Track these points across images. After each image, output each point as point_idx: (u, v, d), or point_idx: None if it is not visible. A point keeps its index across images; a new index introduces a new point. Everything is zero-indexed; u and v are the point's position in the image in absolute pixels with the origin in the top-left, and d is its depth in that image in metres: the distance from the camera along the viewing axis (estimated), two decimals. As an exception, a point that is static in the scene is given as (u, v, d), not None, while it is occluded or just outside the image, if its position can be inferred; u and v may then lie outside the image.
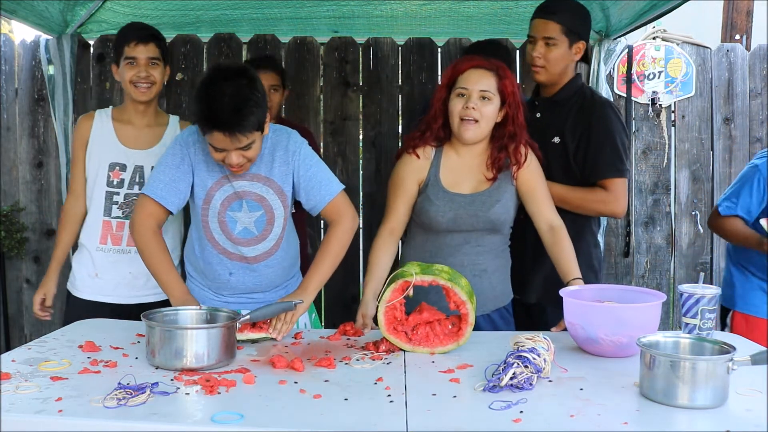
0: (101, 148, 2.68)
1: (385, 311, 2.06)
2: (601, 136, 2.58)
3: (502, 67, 2.36)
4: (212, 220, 2.31)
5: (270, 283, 2.42)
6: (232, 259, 2.35)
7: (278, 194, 2.31)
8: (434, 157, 2.42)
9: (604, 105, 2.66)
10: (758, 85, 4.07)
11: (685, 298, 2.02)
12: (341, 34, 3.98)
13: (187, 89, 3.89)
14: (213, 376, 1.77)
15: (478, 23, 3.80)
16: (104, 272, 2.68)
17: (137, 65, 2.60)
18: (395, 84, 3.95)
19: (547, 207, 2.41)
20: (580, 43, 2.65)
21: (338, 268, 2.33)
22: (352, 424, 1.48)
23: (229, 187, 2.28)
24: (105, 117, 2.72)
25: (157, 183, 2.26)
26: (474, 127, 2.32)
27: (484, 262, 2.42)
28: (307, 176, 2.30)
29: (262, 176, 2.29)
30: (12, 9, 3.00)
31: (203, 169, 2.27)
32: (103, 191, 2.67)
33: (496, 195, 2.38)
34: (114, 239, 2.67)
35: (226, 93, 2.03)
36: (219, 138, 2.07)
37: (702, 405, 1.56)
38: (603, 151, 2.58)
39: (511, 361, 1.74)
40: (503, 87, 2.32)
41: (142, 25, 2.72)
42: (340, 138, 3.96)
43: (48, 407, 1.55)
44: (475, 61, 2.37)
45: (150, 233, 2.26)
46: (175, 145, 2.30)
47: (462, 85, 2.33)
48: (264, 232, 2.33)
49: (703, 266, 4.07)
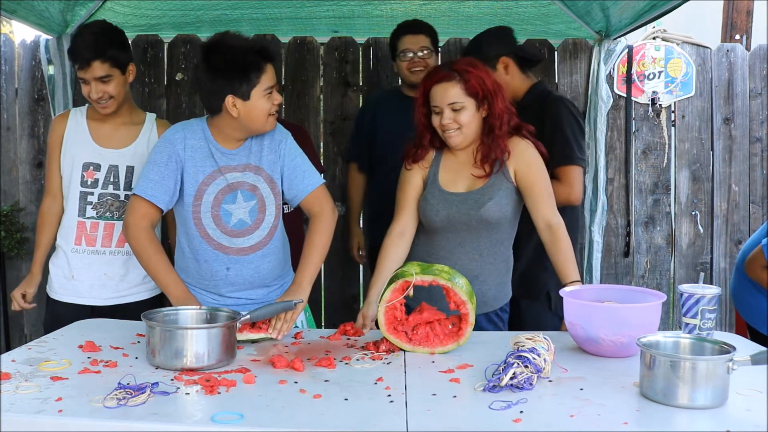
0: (75, 147, 2.63)
1: (385, 311, 2.06)
2: (551, 128, 2.75)
3: (464, 68, 2.35)
4: (205, 215, 2.31)
5: (267, 275, 2.41)
6: (228, 253, 2.35)
7: (268, 182, 2.34)
8: (435, 158, 2.46)
9: (555, 101, 2.85)
10: (758, 85, 4.07)
11: (685, 298, 2.02)
12: (341, 34, 3.98)
13: (187, 89, 3.89)
14: (213, 376, 1.77)
15: (478, 23, 3.80)
16: (79, 273, 2.63)
17: (88, 85, 2.54)
18: (395, 84, 3.94)
19: (545, 205, 2.38)
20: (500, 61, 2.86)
21: (338, 268, 2.34)
22: (352, 424, 1.48)
23: (222, 180, 2.29)
24: (80, 116, 2.68)
25: (146, 182, 2.27)
26: (457, 134, 2.35)
27: (477, 267, 2.41)
28: (292, 166, 2.35)
29: (253, 166, 2.32)
30: (12, 9, 3.00)
31: (192, 165, 2.28)
32: (78, 191, 2.62)
33: (489, 193, 2.37)
34: (88, 240, 2.62)
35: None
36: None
37: (702, 405, 1.56)
38: (553, 141, 2.69)
39: (511, 361, 1.74)
40: (470, 88, 2.32)
41: (84, 43, 2.52)
42: (340, 138, 3.96)
43: (48, 407, 1.55)
44: (436, 75, 2.38)
45: (144, 234, 2.27)
46: (161, 143, 2.31)
47: (433, 103, 2.37)
48: (257, 221, 2.35)
49: (703, 266, 4.08)
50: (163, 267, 2.27)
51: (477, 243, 2.41)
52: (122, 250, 2.61)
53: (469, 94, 2.32)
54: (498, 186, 2.38)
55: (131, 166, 2.62)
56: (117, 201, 2.62)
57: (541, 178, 2.40)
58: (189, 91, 3.89)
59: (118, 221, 2.61)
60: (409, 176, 2.46)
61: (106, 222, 2.62)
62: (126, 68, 2.59)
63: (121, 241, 2.59)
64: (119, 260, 2.63)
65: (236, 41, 2.23)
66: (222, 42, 2.23)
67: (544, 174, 2.41)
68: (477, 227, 2.38)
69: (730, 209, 4.09)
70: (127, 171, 2.62)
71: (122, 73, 2.57)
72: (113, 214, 2.62)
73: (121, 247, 2.61)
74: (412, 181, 2.46)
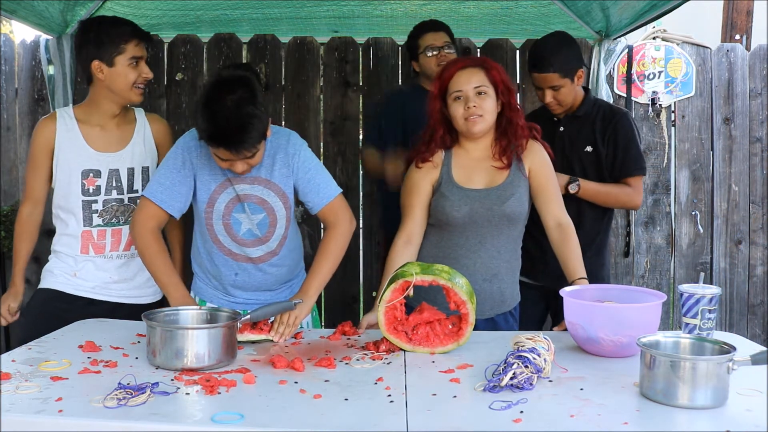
0: (70, 154, 2.50)
1: (385, 311, 2.06)
2: (626, 140, 2.90)
3: (486, 59, 2.44)
4: (216, 222, 2.33)
5: (276, 281, 2.45)
6: (237, 260, 2.38)
7: (280, 196, 2.32)
8: (445, 158, 2.44)
9: (625, 115, 2.98)
10: (758, 85, 4.07)
11: (685, 298, 2.02)
12: (341, 34, 3.98)
13: (187, 89, 3.90)
14: (213, 376, 1.77)
15: (478, 23, 3.80)
16: (84, 274, 2.55)
17: (139, 66, 2.47)
18: (395, 84, 3.94)
19: (556, 204, 2.43)
20: (580, 71, 2.89)
21: (338, 268, 2.35)
22: (352, 424, 1.48)
23: (232, 190, 2.30)
24: (69, 119, 2.54)
25: (157, 186, 2.27)
26: (480, 120, 2.35)
27: (497, 266, 2.42)
28: (306, 179, 2.32)
29: (263, 179, 2.30)
30: (12, 9, 3.00)
31: (206, 173, 2.29)
32: (80, 201, 2.51)
33: (510, 189, 2.38)
34: (96, 248, 2.54)
35: (230, 110, 2.04)
36: (225, 153, 2.12)
37: (702, 405, 1.56)
38: (629, 152, 2.90)
39: (512, 361, 1.74)
40: (493, 78, 2.36)
41: (128, 21, 2.53)
42: (340, 138, 3.96)
43: (48, 407, 1.55)
44: (460, 62, 2.41)
45: (149, 235, 2.27)
46: (176, 148, 2.31)
47: (455, 88, 2.35)
48: (267, 234, 2.36)
49: (703, 266, 4.08)
50: (164, 269, 2.27)
51: (497, 240, 2.41)
52: (128, 253, 2.58)
53: (492, 82, 2.35)
54: (517, 183, 2.40)
55: (131, 167, 2.58)
56: (122, 205, 2.56)
57: (553, 177, 2.47)
58: (189, 91, 3.89)
59: (125, 225, 2.56)
60: (418, 179, 2.43)
61: (113, 228, 2.55)
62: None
63: (129, 244, 2.56)
64: (127, 263, 2.58)
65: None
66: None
67: (554, 174, 2.49)
68: (498, 224, 2.38)
69: (730, 209, 4.09)
70: (128, 173, 2.57)
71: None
72: (119, 219, 2.56)
73: (128, 250, 2.57)
74: (420, 184, 2.42)
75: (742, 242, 4.09)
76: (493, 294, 2.42)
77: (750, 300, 4.12)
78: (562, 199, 2.49)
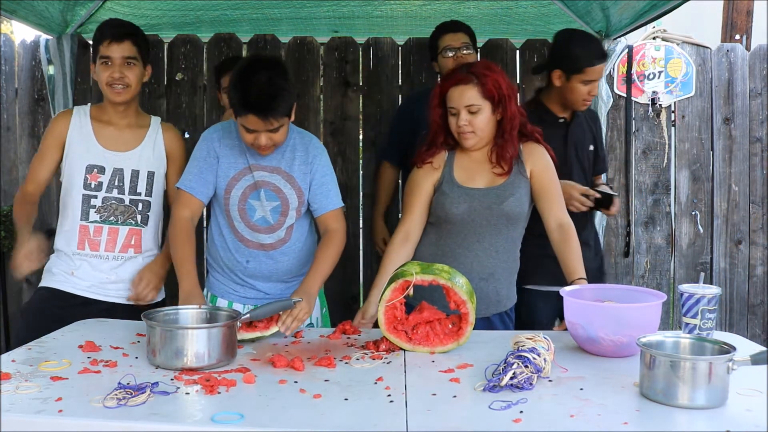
0: (79, 148, 2.55)
1: (385, 311, 2.06)
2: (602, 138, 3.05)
3: (481, 71, 2.38)
4: (233, 208, 2.45)
5: (287, 271, 2.52)
6: (249, 246, 2.47)
7: (295, 189, 2.44)
8: (447, 158, 2.47)
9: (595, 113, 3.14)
10: (758, 85, 4.07)
11: (685, 298, 2.02)
12: (341, 34, 3.98)
13: (187, 89, 3.90)
14: (213, 375, 1.77)
15: (478, 23, 3.80)
16: (81, 273, 2.55)
17: (112, 65, 2.50)
18: (395, 84, 3.95)
19: (557, 205, 2.45)
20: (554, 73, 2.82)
21: (338, 268, 2.40)
22: (352, 424, 1.48)
23: (250, 177, 2.42)
24: (83, 115, 2.60)
25: (186, 176, 2.45)
26: (471, 136, 2.39)
27: (494, 265, 2.43)
28: (320, 182, 2.46)
29: (283, 171, 2.43)
30: (12, 9, 3.01)
31: (227, 161, 2.43)
32: (80, 194, 2.54)
33: (510, 189, 2.41)
34: (92, 244, 2.55)
35: (262, 80, 2.21)
36: (253, 120, 2.24)
37: (702, 405, 1.56)
38: (603, 150, 3.05)
39: (511, 360, 1.74)
40: (487, 91, 2.35)
41: (119, 22, 2.61)
42: (340, 138, 3.96)
43: (48, 407, 1.55)
44: (454, 78, 2.41)
45: (180, 223, 2.39)
46: (201, 141, 2.46)
47: (450, 104, 2.40)
48: (278, 222, 2.46)
49: (703, 266, 4.08)
50: (185, 259, 2.34)
51: (495, 239, 2.42)
52: (124, 255, 2.58)
53: (486, 96, 2.36)
54: (518, 183, 2.42)
55: (136, 170, 2.58)
56: (121, 205, 2.56)
57: (555, 180, 2.48)
58: (189, 91, 3.89)
59: (122, 226, 2.56)
60: (420, 178, 2.47)
61: (110, 226, 2.55)
62: (146, 64, 2.60)
63: (125, 246, 2.57)
64: (123, 265, 2.58)
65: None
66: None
67: (556, 176, 2.50)
68: (497, 223, 2.40)
69: (730, 209, 4.09)
70: (132, 175, 2.58)
71: (143, 67, 2.58)
72: (117, 218, 2.56)
73: (124, 252, 2.58)
74: (422, 183, 2.46)
75: (742, 242, 4.09)
76: (489, 294, 2.43)
77: (750, 300, 4.12)
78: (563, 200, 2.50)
